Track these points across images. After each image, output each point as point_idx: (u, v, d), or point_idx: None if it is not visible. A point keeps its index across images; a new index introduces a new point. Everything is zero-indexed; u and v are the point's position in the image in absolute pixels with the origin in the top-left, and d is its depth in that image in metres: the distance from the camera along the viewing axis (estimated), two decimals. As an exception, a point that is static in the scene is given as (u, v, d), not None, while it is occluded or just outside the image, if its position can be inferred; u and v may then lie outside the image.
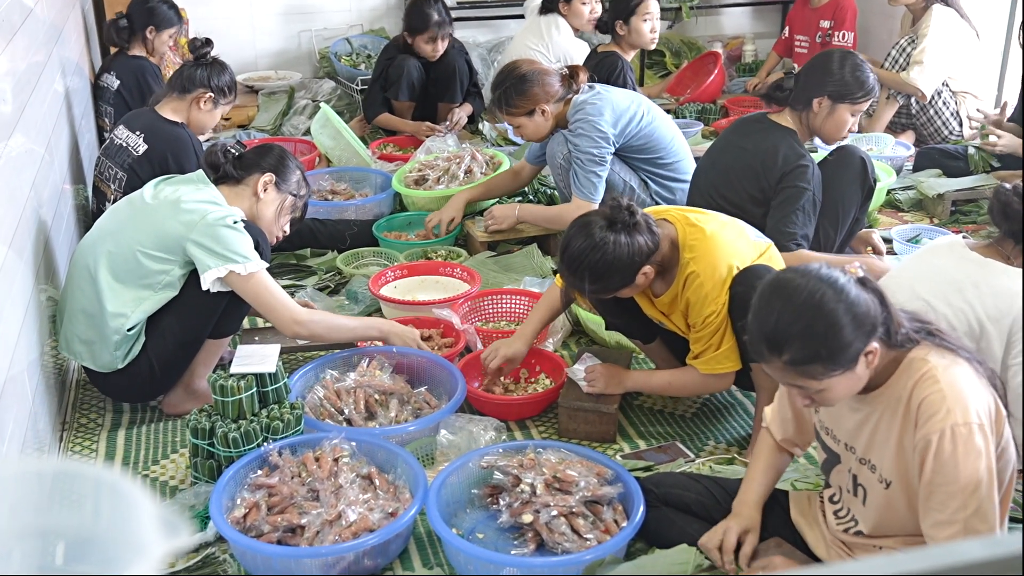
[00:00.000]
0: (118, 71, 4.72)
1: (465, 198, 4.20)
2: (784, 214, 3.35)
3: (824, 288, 1.88)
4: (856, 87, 3.36)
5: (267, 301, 2.89)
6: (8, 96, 2.83)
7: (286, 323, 2.91)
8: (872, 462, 2.03)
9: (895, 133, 5.29)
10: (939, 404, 1.88)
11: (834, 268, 1.93)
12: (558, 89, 3.82)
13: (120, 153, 3.78)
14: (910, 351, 1.97)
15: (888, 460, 1.99)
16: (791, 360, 1.90)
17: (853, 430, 2.06)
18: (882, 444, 1.99)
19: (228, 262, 2.80)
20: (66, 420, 3.05)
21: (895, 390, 1.96)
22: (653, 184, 3.91)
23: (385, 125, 5.52)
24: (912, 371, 1.94)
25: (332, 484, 2.45)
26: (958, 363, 1.94)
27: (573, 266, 2.65)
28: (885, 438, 1.98)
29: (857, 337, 1.88)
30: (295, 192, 3.12)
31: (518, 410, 3.03)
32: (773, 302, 1.93)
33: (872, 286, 1.93)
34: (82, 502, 1.23)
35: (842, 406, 2.08)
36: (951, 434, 1.85)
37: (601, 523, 2.40)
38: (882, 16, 6.16)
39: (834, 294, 1.87)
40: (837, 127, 3.41)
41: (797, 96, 3.42)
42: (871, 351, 1.90)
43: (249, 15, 6.43)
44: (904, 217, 4.53)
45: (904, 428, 1.94)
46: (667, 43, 6.78)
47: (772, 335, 1.91)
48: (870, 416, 2.01)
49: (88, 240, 3.00)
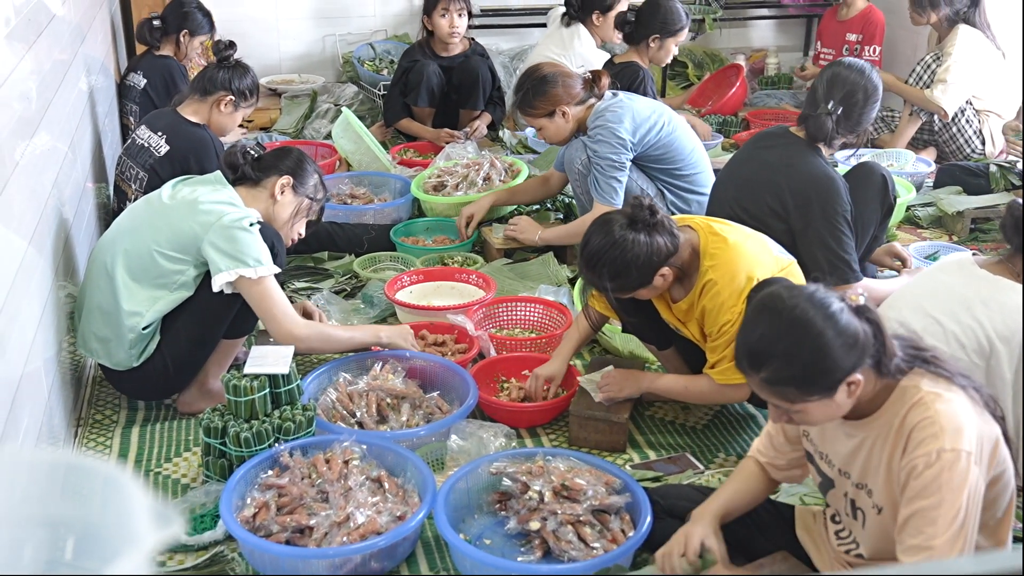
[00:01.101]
0: (145, 70, 4.77)
1: (491, 200, 4.24)
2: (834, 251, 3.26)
3: (813, 312, 1.87)
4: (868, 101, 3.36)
5: (268, 308, 2.90)
6: (32, 95, 2.87)
7: (283, 334, 2.90)
8: (868, 487, 2.02)
9: (917, 149, 5.28)
10: (928, 429, 1.86)
11: (831, 293, 1.91)
12: (579, 91, 3.83)
13: (142, 153, 3.81)
14: (903, 378, 1.95)
15: (880, 486, 1.98)
16: (767, 379, 1.91)
17: (848, 456, 2.05)
18: (875, 470, 1.98)
19: (239, 265, 2.82)
20: (81, 416, 3.08)
21: (888, 417, 1.95)
22: (669, 194, 3.91)
23: (405, 130, 5.54)
24: (905, 399, 1.93)
25: (342, 486, 2.46)
26: (952, 390, 1.92)
27: (592, 262, 2.67)
28: (877, 464, 1.97)
29: (838, 366, 1.86)
30: (312, 196, 3.14)
31: (529, 417, 3.04)
32: (761, 317, 1.94)
33: (869, 315, 1.91)
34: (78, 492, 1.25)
35: (836, 432, 2.06)
36: (937, 458, 1.83)
37: (608, 532, 2.41)
38: (907, 31, 6.14)
39: (823, 319, 1.86)
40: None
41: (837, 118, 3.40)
42: (854, 381, 1.88)
43: (275, 18, 6.47)
44: (923, 234, 4.51)
45: (894, 454, 1.93)
46: (690, 54, 6.78)
47: (753, 350, 1.92)
48: (864, 442, 2.00)
49: (106, 238, 3.03)
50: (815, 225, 3.27)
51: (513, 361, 3.26)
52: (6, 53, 2.61)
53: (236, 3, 6.27)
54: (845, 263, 3.26)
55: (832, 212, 3.26)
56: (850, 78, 3.34)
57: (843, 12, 5.98)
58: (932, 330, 2.40)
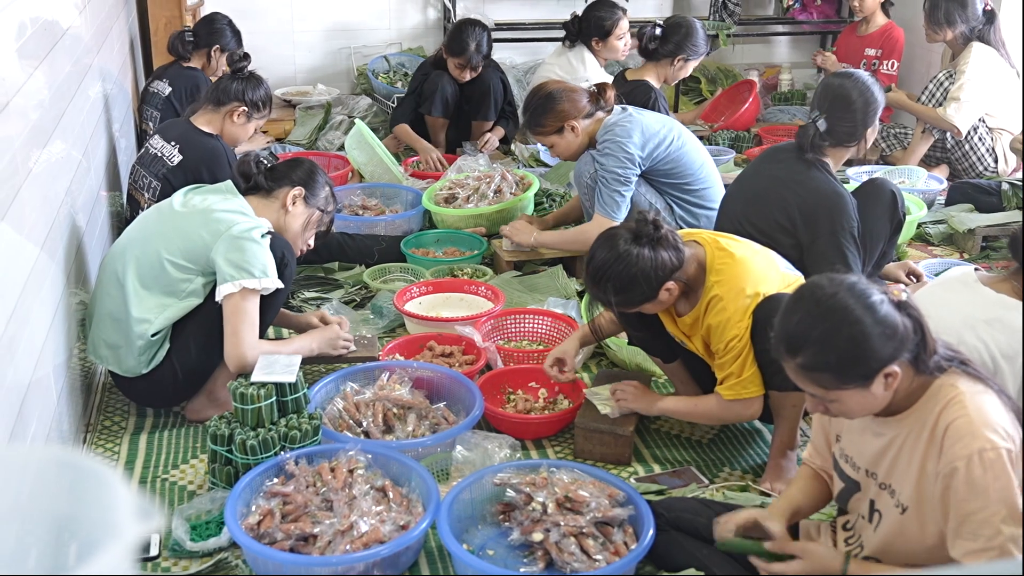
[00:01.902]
0: (171, 79, 4.81)
1: (537, 227, 4.20)
2: (838, 264, 3.24)
3: (852, 301, 1.89)
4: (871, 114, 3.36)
5: (239, 324, 2.86)
6: (46, 104, 2.90)
7: (235, 355, 2.86)
8: (892, 486, 2.02)
9: (929, 167, 5.27)
10: (966, 429, 1.86)
11: (872, 285, 1.93)
12: (586, 105, 3.85)
13: (155, 163, 3.85)
14: (939, 376, 1.96)
15: (909, 485, 1.97)
16: (803, 364, 1.92)
17: (875, 455, 2.05)
18: (904, 468, 1.98)
19: (245, 276, 2.84)
20: (90, 422, 3.10)
21: (921, 414, 1.95)
22: (678, 209, 3.92)
23: (401, 135, 5.54)
24: (940, 396, 1.93)
25: (346, 495, 2.47)
26: (987, 392, 1.93)
27: (596, 277, 2.68)
28: (908, 462, 1.97)
29: (876, 355, 1.88)
30: (323, 207, 3.16)
31: (535, 429, 3.04)
32: (801, 303, 1.96)
33: (910, 311, 1.92)
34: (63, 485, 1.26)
35: (865, 431, 2.07)
36: (979, 459, 1.83)
37: (611, 544, 2.41)
38: (922, 49, 6.14)
39: (862, 308, 1.88)
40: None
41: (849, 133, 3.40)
42: (891, 373, 1.89)
43: (291, 31, 6.53)
44: (934, 251, 4.51)
45: (928, 453, 1.93)
46: (703, 70, 6.79)
47: (791, 335, 1.94)
48: (894, 440, 2.00)
49: (118, 246, 3.05)
50: (821, 241, 3.27)
51: (520, 373, 3.26)
52: (20, 63, 2.64)
53: (253, 15, 6.32)
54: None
55: (839, 228, 3.27)
56: (840, 87, 3.35)
57: (863, 28, 6.00)
58: None
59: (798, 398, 2.70)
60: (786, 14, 6.99)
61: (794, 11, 6.94)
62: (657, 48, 4.79)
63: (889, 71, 5.80)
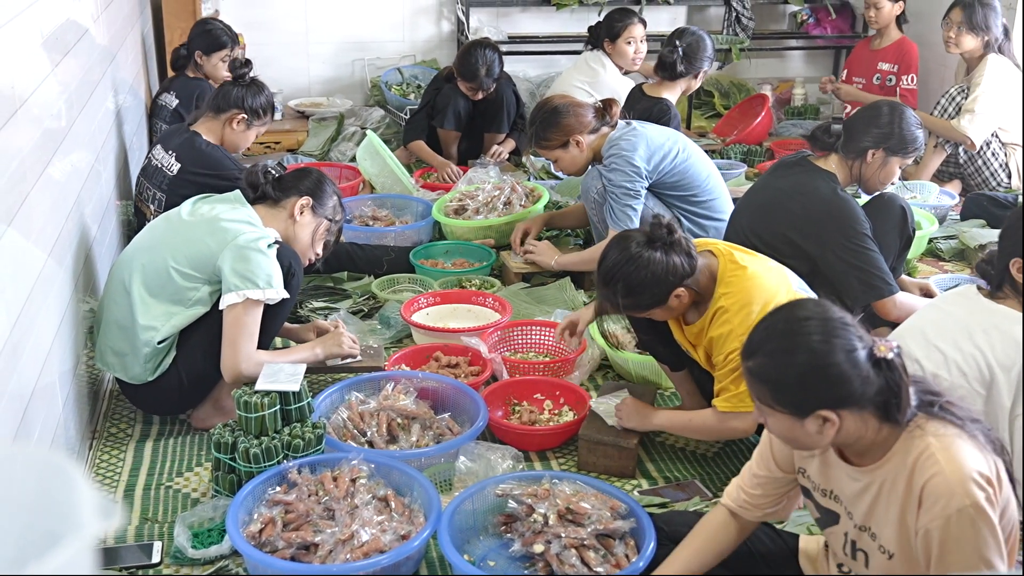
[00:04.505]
0: (177, 91, 4.84)
1: (546, 217, 4.33)
2: (864, 269, 3.28)
3: (819, 333, 1.86)
4: (910, 142, 3.37)
5: (237, 335, 2.87)
6: (57, 112, 2.92)
7: (231, 366, 2.88)
8: (872, 531, 1.98)
9: (941, 182, 5.25)
10: (943, 488, 1.81)
11: (861, 332, 1.88)
12: (591, 120, 3.86)
13: (157, 174, 3.85)
14: (907, 425, 1.91)
15: (890, 533, 1.93)
16: (751, 368, 1.93)
17: (853, 496, 2.00)
18: (883, 516, 1.94)
19: (250, 286, 2.85)
20: (97, 429, 3.11)
21: (894, 464, 1.90)
22: (686, 221, 3.92)
23: (416, 151, 5.56)
24: (912, 447, 1.88)
25: (348, 504, 2.47)
26: (960, 435, 1.87)
27: (607, 278, 2.68)
28: (885, 511, 1.93)
29: (814, 393, 1.85)
30: (330, 217, 3.17)
31: (539, 441, 3.04)
32: (778, 313, 1.97)
33: (889, 370, 1.85)
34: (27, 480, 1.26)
35: (839, 471, 2.02)
36: (958, 518, 1.80)
37: (612, 557, 2.40)
38: (934, 64, 6.13)
39: (824, 344, 1.84)
40: (886, 178, 3.43)
41: (848, 145, 3.38)
42: (828, 419, 1.85)
43: (305, 42, 6.57)
44: (945, 267, 4.48)
45: (906, 506, 1.89)
46: (716, 84, 6.80)
47: (752, 338, 1.96)
48: (869, 487, 1.95)
49: (125, 254, 3.07)
50: (837, 250, 3.27)
51: (525, 384, 3.26)
52: (32, 70, 2.67)
53: (268, 26, 6.38)
54: (879, 278, 3.27)
55: (851, 232, 3.28)
56: (880, 102, 3.48)
57: (876, 42, 5.99)
58: (934, 358, 2.39)
59: None
60: (800, 28, 6.99)
61: (808, 26, 6.94)
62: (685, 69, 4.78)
63: (909, 85, 5.79)
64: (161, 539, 2.58)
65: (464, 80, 5.33)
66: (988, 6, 5.11)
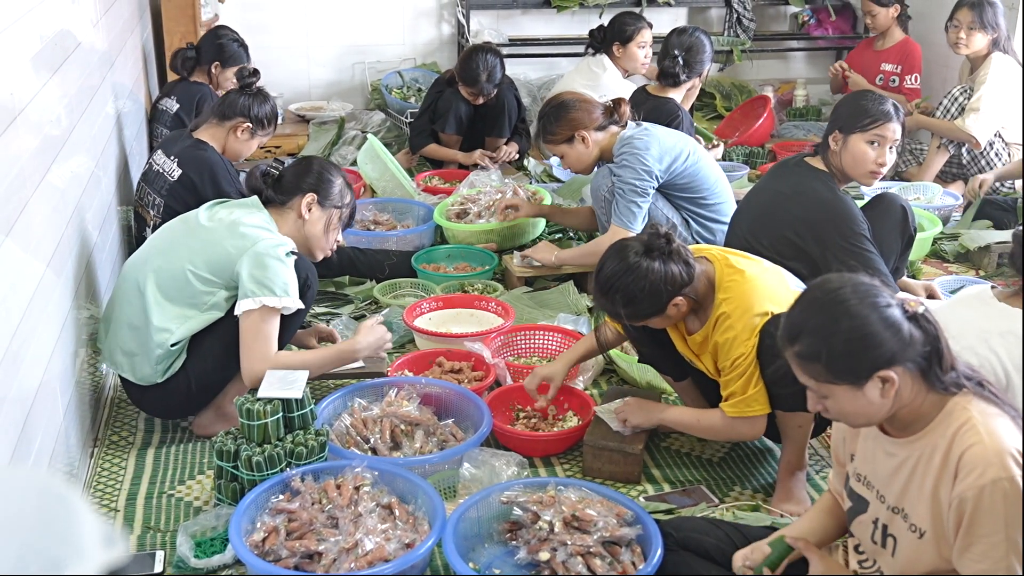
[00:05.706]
0: (178, 96, 4.81)
1: (544, 210, 4.42)
2: (859, 267, 3.22)
3: (855, 296, 1.90)
4: (859, 114, 3.29)
5: (253, 341, 2.84)
6: (56, 118, 2.91)
7: (252, 372, 2.84)
8: (905, 511, 1.99)
9: (945, 183, 5.22)
10: (981, 457, 1.83)
11: (885, 290, 1.93)
12: (598, 117, 3.85)
13: (157, 179, 3.83)
14: (953, 396, 1.93)
15: (922, 509, 1.94)
16: (798, 353, 1.93)
17: (887, 477, 2.02)
18: (917, 492, 1.95)
19: (267, 293, 2.83)
20: (98, 436, 3.10)
21: (933, 437, 1.92)
22: (694, 224, 3.91)
23: (432, 155, 5.56)
24: (953, 419, 1.91)
25: (352, 512, 2.45)
26: (1002, 415, 1.90)
27: (605, 288, 2.67)
28: (920, 486, 1.94)
29: (869, 354, 1.87)
30: (338, 204, 3.13)
31: (544, 447, 3.02)
32: (806, 295, 1.99)
33: (923, 322, 1.91)
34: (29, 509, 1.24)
35: (876, 451, 2.04)
36: (992, 489, 1.81)
37: (619, 564, 2.38)
38: (937, 65, 6.12)
39: (863, 305, 1.88)
40: (858, 160, 3.30)
41: (821, 141, 3.43)
42: (887, 378, 1.88)
43: (305, 46, 6.55)
44: (949, 268, 4.46)
45: (941, 478, 1.90)
46: (718, 86, 6.78)
47: (792, 323, 1.96)
48: (905, 462, 1.97)
49: (139, 256, 3.05)
50: (836, 251, 3.27)
51: (529, 389, 3.24)
52: (31, 76, 2.65)
53: (267, 30, 6.35)
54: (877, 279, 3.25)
55: (849, 233, 3.28)
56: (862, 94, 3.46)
57: (879, 43, 5.97)
58: None
59: (804, 418, 2.67)
60: (801, 30, 6.98)
61: (809, 27, 6.93)
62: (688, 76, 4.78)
63: (913, 85, 5.78)
64: (163, 548, 2.57)
65: (465, 85, 5.31)
66: (994, 4, 5.09)
